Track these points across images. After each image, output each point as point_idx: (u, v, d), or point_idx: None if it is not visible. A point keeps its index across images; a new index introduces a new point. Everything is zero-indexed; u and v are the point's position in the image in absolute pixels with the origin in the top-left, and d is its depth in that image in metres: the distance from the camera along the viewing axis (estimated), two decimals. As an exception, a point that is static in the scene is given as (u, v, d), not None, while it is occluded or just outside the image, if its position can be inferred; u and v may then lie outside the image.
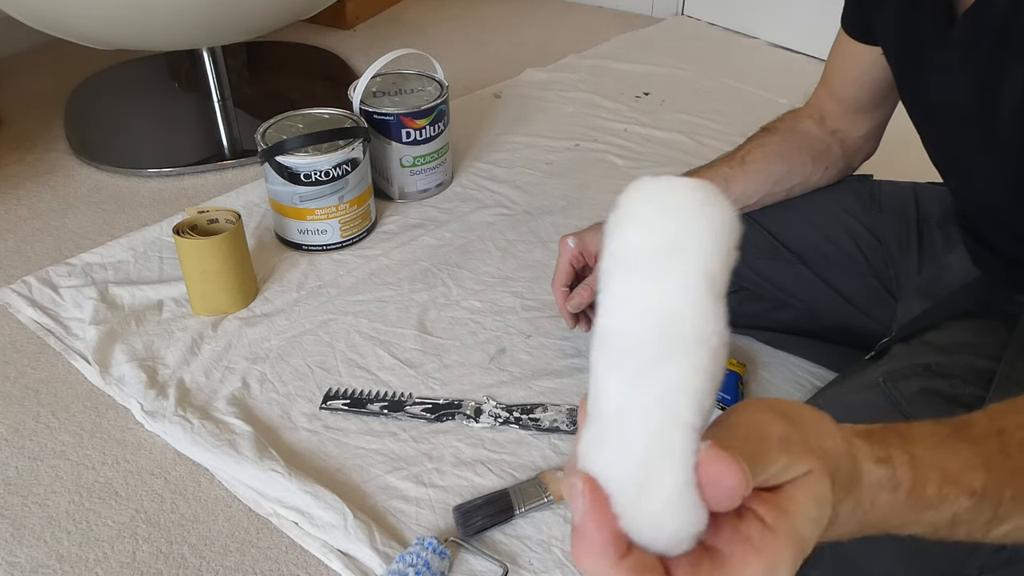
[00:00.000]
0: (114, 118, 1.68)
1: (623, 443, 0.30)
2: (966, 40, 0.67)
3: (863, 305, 0.98)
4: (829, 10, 0.97)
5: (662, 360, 0.30)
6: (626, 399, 0.30)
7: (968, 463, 0.40)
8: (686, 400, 0.30)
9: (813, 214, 1.00)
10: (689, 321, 0.29)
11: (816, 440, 0.34)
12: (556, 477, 0.90)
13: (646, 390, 0.30)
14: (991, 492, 0.40)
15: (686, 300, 0.29)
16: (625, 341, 0.30)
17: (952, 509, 0.39)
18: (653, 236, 0.30)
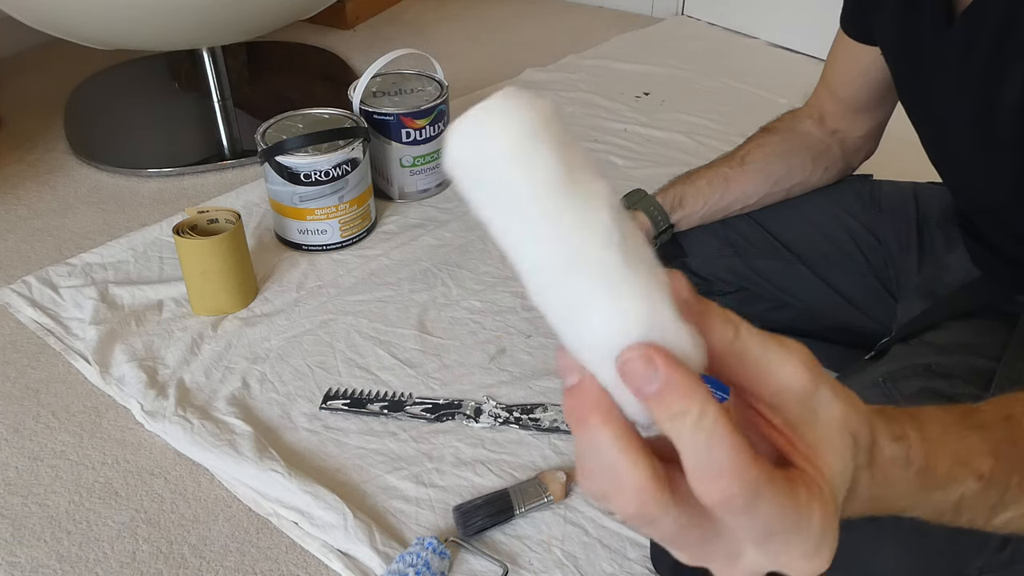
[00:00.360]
0: (114, 118, 1.68)
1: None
2: (965, 39, 0.67)
3: (863, 305, 0.98)
4: (829, 10, 0.97)
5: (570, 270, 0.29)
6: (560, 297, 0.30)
7: (976, 448, 0.40)
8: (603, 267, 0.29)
9: (813, 214, 1.00)
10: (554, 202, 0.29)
11: (843, 389, 0.33)
12: (556, 477, 0.90)
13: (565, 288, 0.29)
14: (998, 477, 0.40)
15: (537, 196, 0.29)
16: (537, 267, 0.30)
17: (959, 491, 0.39)
18: (483, 169, 0.29)
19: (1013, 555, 0.62)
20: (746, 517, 0.28)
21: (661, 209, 0.99)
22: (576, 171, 0.29)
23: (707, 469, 0.28)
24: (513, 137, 0.29)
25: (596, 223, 0.29)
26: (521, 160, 0.29)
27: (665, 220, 0.99)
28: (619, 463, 0.29)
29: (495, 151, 0.29)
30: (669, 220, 0.99)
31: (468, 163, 0.30)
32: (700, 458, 0.28)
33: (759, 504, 0.28)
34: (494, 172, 0.29)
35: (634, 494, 0.28)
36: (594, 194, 0.29)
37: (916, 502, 0.38)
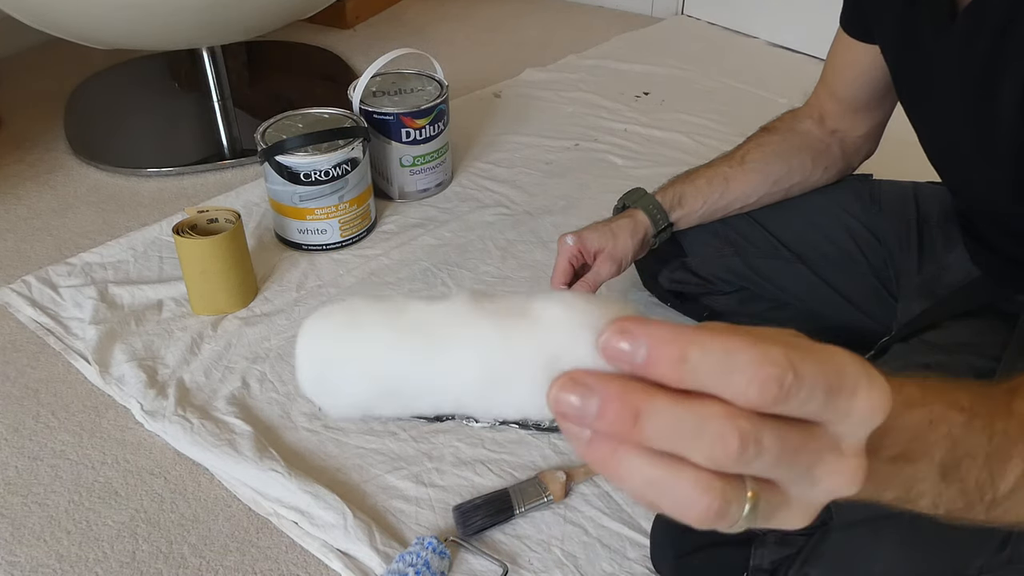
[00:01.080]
0: (114, 118, 1.68)
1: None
2: (965, 38, 0.67)
3: (863, 305, 0.98)
4: (829, 10, 0.97)
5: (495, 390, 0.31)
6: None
7: (947, 385, 0.39)
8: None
9: (813, 214, 1.00)
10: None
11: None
12: (556, 477, 0.90)
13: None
14: (981, 412, 0.39)
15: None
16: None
17: (946, 424, 0.38)
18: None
19: (1013, 555, 0.62)
20: (804, 387, 0.28)
21: (660, 208, 0.99)
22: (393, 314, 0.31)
23: (745, 371, 0.27)
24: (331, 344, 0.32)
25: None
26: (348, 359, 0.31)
27: (664, 219, 0.99)
28: (688, 411, 0.28)
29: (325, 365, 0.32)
30: (668, 219, 0.99)
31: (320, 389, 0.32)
32: (733, 371, 0.27)
33: (804, 369, 0.27)
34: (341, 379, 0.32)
35: (727, 420, 0.27)
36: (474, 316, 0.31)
37: (908, 430, 0.37)
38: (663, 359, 0.28)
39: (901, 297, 0.94)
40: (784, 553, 0.67)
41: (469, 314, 0.31)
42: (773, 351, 0.27)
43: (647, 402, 0.28)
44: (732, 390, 0.27)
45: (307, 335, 0.32)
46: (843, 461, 0.30)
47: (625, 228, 0.97)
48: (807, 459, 0.29)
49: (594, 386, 0.28)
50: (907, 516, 0.64)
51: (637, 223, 0.98)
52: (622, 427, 0.28)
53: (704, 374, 0.28)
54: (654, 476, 0.28)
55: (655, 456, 0.28)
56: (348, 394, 0.32)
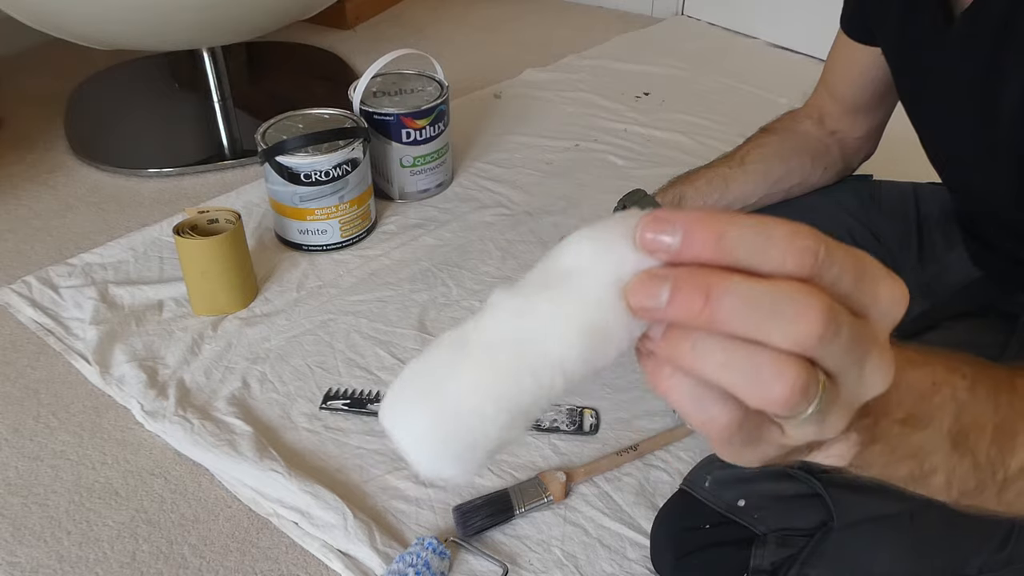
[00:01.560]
0: (114, 118, 1.68)
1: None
2: (965, 40, 0.67)
3: (863, 305, 0.98)
4: (829, 10, 0.97)
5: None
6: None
7: (948, 354, 0.39)
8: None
9: (813, 214, 1.00)
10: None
11: None
12: (556, 477, 0.90)
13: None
14: (984, 380, 0.39)
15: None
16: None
17: (951, 388, 0.37)
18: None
19: (1012, 555, 0.62)
20: (835, 263, 0.28)
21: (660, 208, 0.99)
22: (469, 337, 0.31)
23: (780, 243, 0.28)
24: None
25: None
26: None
27: (665, 220, 0.99)
28: (769, 288, 0.27)
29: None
30: (669, 220, 0.99)
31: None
32: (769, 244, 0.28)
33: (832, 247, 0.28)
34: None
35: (809, 296, 0.27)
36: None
37: (913, 389, 0.37)
38: (700, 239, 0.28)
39: (901, 297, 0.93)
40: (784, 554, 0.67)
41: (521, 302, 0.30)
42: (803, 228, 0.28)
43: (721, 281, 0.27)
44: (771, 263, 0.28)
45: (399, 421, 0.31)
46: (884, 354, 0.30)
47: None
48: (864, 348, 0.29)
49: (664, 274, 0.28)
50: (907, 516, 0.64)
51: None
52: (695, 307, 0.28)
53: (742, 249, 0.28)
54: (733, 355, 0.28)
55: (731, 336, 0.28)
56: (476, 447, 0.31)
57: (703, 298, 0.27)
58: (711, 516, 0.71)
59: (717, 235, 0.28)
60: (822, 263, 0.28)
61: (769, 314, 0.27)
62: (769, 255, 0.28)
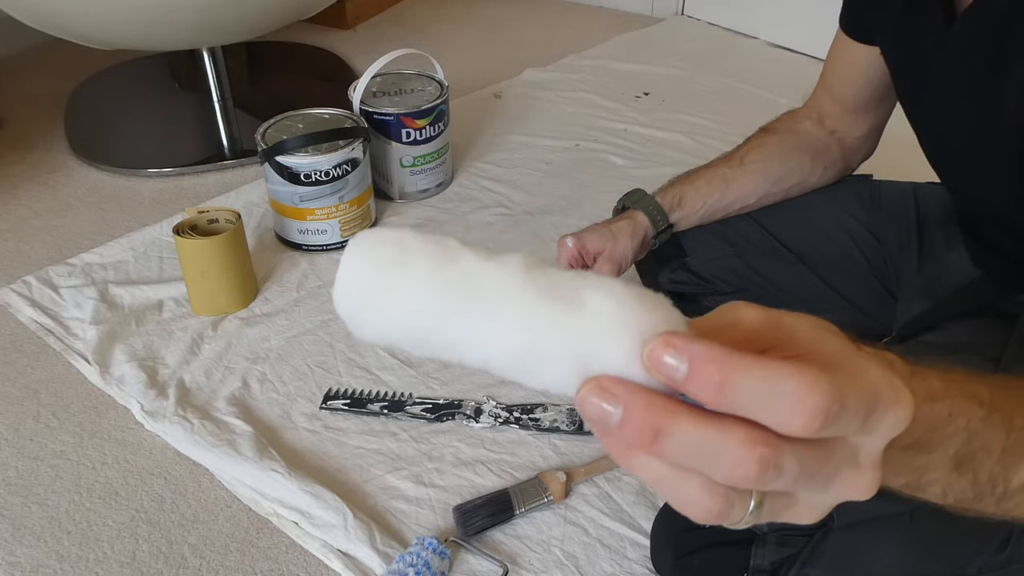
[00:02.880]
0: (114, 118, 1.68)
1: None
2: (966, 39, 0.67)
3: (863, 305, 0.98)
4: (829, 10, 0.97)
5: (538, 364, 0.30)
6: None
7: (968, 377, 0.39)
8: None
9: (813, 213, 1.00)
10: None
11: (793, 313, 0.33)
12: (556, 477, 0.90)
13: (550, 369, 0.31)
14: (1000, 406, 0.39)
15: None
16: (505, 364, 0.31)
17: (965, 416, 0.37)
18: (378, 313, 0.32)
19: (1012, 555, 0.62)
20: (846, 415, 0.28)
21: (660, 209, 0.99)
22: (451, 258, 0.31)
23: (789, 399, 0.27)
24: (372, 273, 0.31)
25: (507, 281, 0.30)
26: (388, 288, 0.31)
27: (664, 220, 0.99)
28: (708, 436, 0.28)
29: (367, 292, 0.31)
30: (668, 220, 0.99)
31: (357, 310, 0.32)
32: (776, 399, 0.27)
33: (849, 398, 0.28)
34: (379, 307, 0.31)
35: (748, 448, 0.27)
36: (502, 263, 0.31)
37: (927, 422, 0.36)
38: (704, 380, 0.28)
39: (901, 297, 0.94)
40: (784, 554, 0.67)
41: (519, 284, 0.30)
42: (821, 383, 0.27)
43: (669, 422, 0.28)
44: (775, 418, 0.27)
45: (354, 256, 0.31)
46: (860, 474, 0.30)
47: (625, 230, 0.97)
48: (825, 476, 0.30)
49: (620, 396, 0.29)
50: (907, 516, 0.64)
51: (637, 224, 0.98)
52: (641, 441, 0.28)
53: (746, 400, 0.28)
54: (664, 474, 0.29)
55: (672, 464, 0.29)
56: (378, 326, 0.32)
57: (652, 436, 0.28)
58: (711, 516, 0.71)
59: (721, 381, 0.28)
60: (832, 421, 0.27)
61: (710, 459, 0.28)
62: (775, 411, 0.27)
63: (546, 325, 0.30)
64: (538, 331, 0.30)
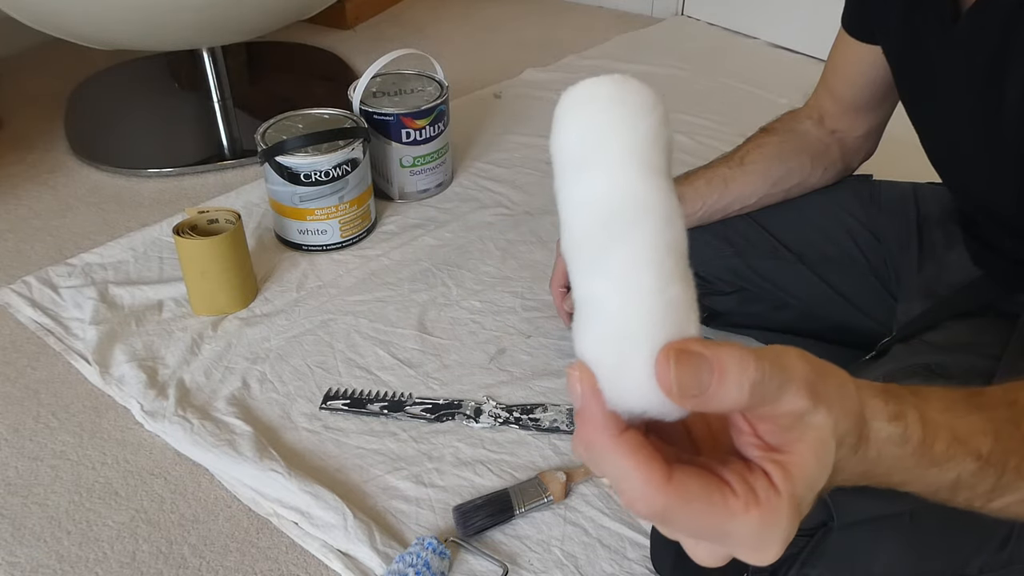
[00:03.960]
0: (114, 118, 1.68)
1: (594, 328, 0.32)
2: (970, 38, 0.67)
3: (863, 305, 0.98)
4: (829, 10, 0.97)
5: (610, 246, 0.31)
6: (588, 286, 0.32)
7: (977, 428, 0.40)
8: (644, 276, 0.31)
9: (813, 214, 1.00)
10: (623, 202, 0.31)
11: (838, 398, 0.34)
12: (556, 477, 0.90)
13: (599, 275, 0.32)
14: (996, 459, 0.40)
15: (615, 184, 0.31)
16: (575, 234, 0.32)
17: (956, 471, 0.39)
18: (576, 138, 0.33)
19: (1012, 555, 0.62)
20: (674, 529, 0.33)
21: (660, 209, 0.99)
22: (658, 158, 0.32)
23: (623, 495, 0.32)
24: (634, 103, 0.34)
25: (649, 216, 0.31)
26: (628, 122, 0.33)
27: (664, 220, 0.99)
28: (618, 466, 0.32)
29: (616, 107, 0.34)
30: (668, 220, 0.99)
31: (587, 107, 0.34)
32: (618, 485, 0.32)
33: (676, 522, 0.32)
34: (602, 124, 0.33)
35: (643, 489, 0.32)
36: (662, 190, 0.32)
37: (911, 477, 0.39)
38: (580, 438, 0.33)
39: (901, 297, 0.94)
40: (784, 553, 0.67)
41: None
42: (658, 496, 0.31)
43: (592, 440, 0.33)
44: (622, 498, 0.33)
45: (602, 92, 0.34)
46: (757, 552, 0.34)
47: None
48: (714, 536, 0.33)
49: (582, 395, 0.33)
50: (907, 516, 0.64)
51: None
52: (579, 450, 0.34)
53: (604, 471, 0.33)
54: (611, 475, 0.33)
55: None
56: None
57: (586, 449, 0.33)
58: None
59: (587, 445, 0.33)
60: (662, 524, 0.34)
61: (618, 485, 0.33)
62: (622, 493, 0.33)
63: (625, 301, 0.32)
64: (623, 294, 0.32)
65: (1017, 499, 0.42)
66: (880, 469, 0.38)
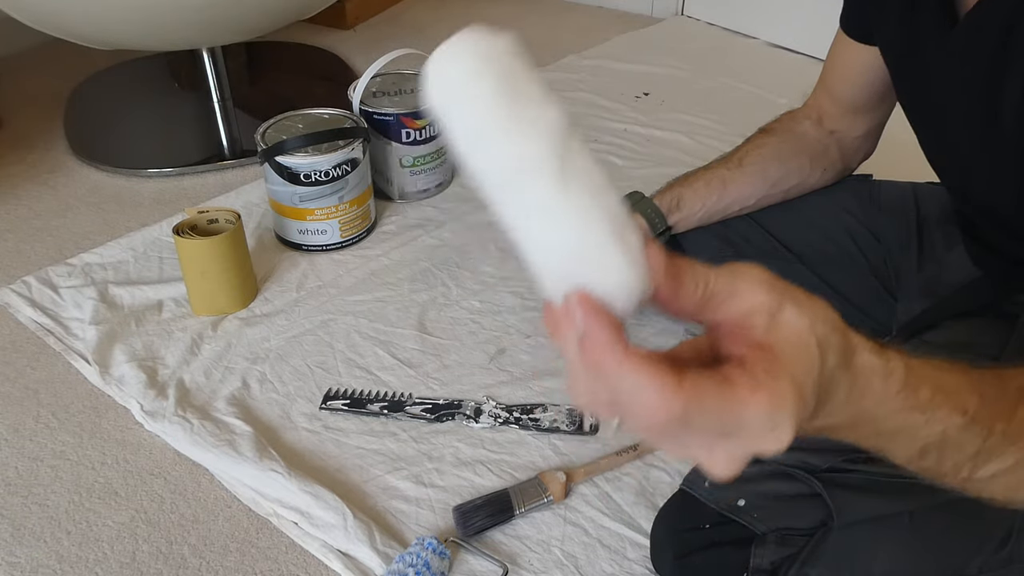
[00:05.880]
0: (114, 118, 1.68)
1: (559, 249, 0.34)
2: (969, 40, 0.67)
3: (863, 304, 0.98)
4: (829, 10, 0.97)
5: (524, 183, 0.33)
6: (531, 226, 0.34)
7: (963, 386, 0.41)
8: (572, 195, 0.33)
9: (813, 214, 1.00)
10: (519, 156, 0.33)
11: (808, 302, 0.36)
12: (556, 477, 0.90)
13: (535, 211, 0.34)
14: (983, 418, 0.41)
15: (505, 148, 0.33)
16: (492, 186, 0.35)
17: (943, 424, 0.40)
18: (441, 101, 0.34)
19: (1012, 554, 0.62)
20: (692, 434, 0.33)
21: (659, 211, 0.99)
22: (521, 99, 0.33)
23: (640, 409, 0.32)
24: (460, 74, 0.34)
25: (531, 145, 0.33)
26: (463, 96, 0.34)
27: (663, 222, 0.99)
28: (627, 380, 0.33)
29: (447, 87, 0.34)
30: (667, 222, 0.99)
31: (432, 97, 0.35)
32: (632, 401, 0.32)
33: (695, 421, 0.33)
34: (448, 103, 0.34)
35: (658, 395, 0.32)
36: (534, 119, 0.33)
37: (899, 424, 0.39)
38: (586, 354, 0.34)
39: (901, 297, 0.94)
40: (784, 553, 0.67)
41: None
42: (675, 403, 0.32)
43: (601, 361, 0.33)
44: (631, 414, 0.33)
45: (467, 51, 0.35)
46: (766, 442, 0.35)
47: None
48: (729, 430, 0.34)
49: (581, 319, 0.33)
50: (907, 516, 0.64)
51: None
52: (584, 380, 0.34)
53: (613, 386, 0.33)
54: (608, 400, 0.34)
55: None
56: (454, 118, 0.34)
57: (596, 369, 0.34)
58: (711, 516, 0.71)
59: (595, 364, 0.34)
60: (674, 434, 0.34)
61: (628, 402, 0.33)
62: (631, 408, 0.33)
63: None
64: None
65: (1004, 467, 0.42)
66: (868, 405, 0.38)
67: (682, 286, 0.35)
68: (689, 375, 0.33)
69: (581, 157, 0.33)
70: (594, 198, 0.33)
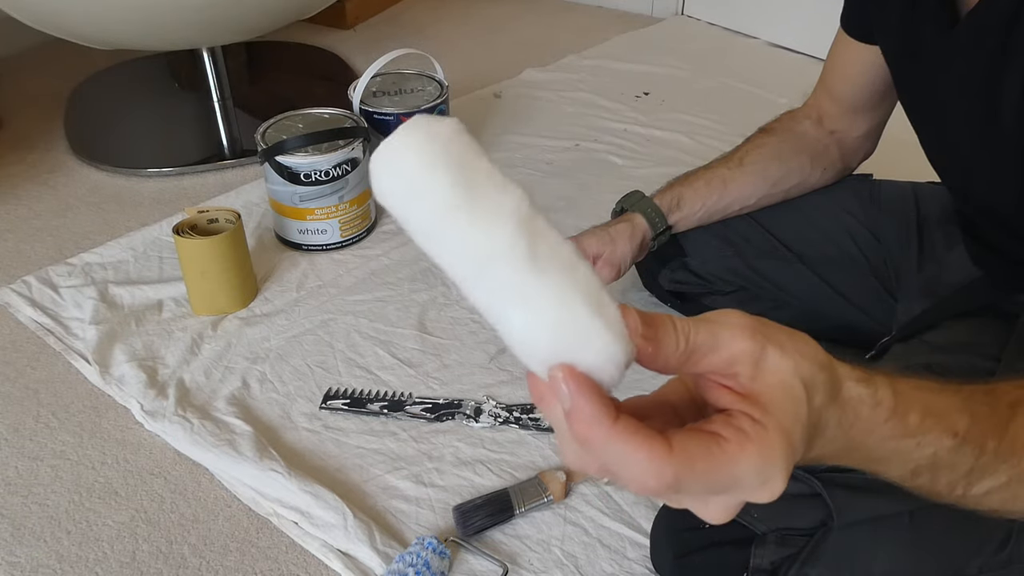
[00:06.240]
0: (114, 118, 1.68)
1: (541, 328, 0.33)
2: (970, 40, 0.67)
3: (862, 304, 0.98)
4: (829, 10, 0.97)
5: (496, 272, 0.32)
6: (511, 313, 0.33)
7: (952, 406, 0.41)
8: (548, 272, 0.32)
9: (813, 213, 1.00)
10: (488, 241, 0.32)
11: (791, 342, 0.36)
12: (556, 477, 0.90)
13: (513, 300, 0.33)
14: (974, 437, 0.41)
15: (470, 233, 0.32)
16: (461, 278, 0.33)
17: (933, 447, 0.40)
18: (396, 198, 0.33)
19: (1012, 555, 0.62)
20: (686, 495, 0.34)
21: (659, 211, 0.99)
22: (480, 187, 0.32)
23: (631, 479, 0.33)
24: (413, 168, 0.32)
25: (499, 233, 0.32)
26: (420, 190, 0.32)
27: (663, 222, 0.99)
28: (618, 451, 0.33)
29: (400, 183, 0.32)
30: (667, 222, 0.99)
31: (384, 195, 0.33)
32: (623, 471, 0.33)
33: (687, 486, 0.33)
34: (404, 200, 0.33)
35: (648, 464, 0.32)
36: (497, 206, 0.32)
37: (890, 451, 0.39)
38: (573, 429, 0.33)
39: (901, 297, 0.94)
40: (784, 553, 0.67)
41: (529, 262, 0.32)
42: (666, 467, 0.32)
43: (588, 435, 0.33)
44: (624, 479, 0.33)
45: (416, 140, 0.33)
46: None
47: (623, 233, 0.97)
48: (722, 488, 0.34)
49: (571, 393, 0.33)
50: (907, 516, 0.64)
51: (635, 227, 0.98)
52: (572, 451, 0.35)
53: (603, 457, 0.33)
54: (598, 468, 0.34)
55: None
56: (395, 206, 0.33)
57: (583, 442, 0.34)
58: (711, 516, 0.71)
59: (584, 439, 0.33)
60: (670, 495, 0.34)
61: (620, 470, 0.33)
62: (625, 474, 0.33)
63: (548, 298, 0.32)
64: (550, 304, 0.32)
65: (997, 484, 0.42)
66: (859, 434, 0.38)
67: (662, 346, 0.34)
68: (677, 440, 0.33)
69: (548, 236, 0.33)
70: (567, 276, 0.32)
